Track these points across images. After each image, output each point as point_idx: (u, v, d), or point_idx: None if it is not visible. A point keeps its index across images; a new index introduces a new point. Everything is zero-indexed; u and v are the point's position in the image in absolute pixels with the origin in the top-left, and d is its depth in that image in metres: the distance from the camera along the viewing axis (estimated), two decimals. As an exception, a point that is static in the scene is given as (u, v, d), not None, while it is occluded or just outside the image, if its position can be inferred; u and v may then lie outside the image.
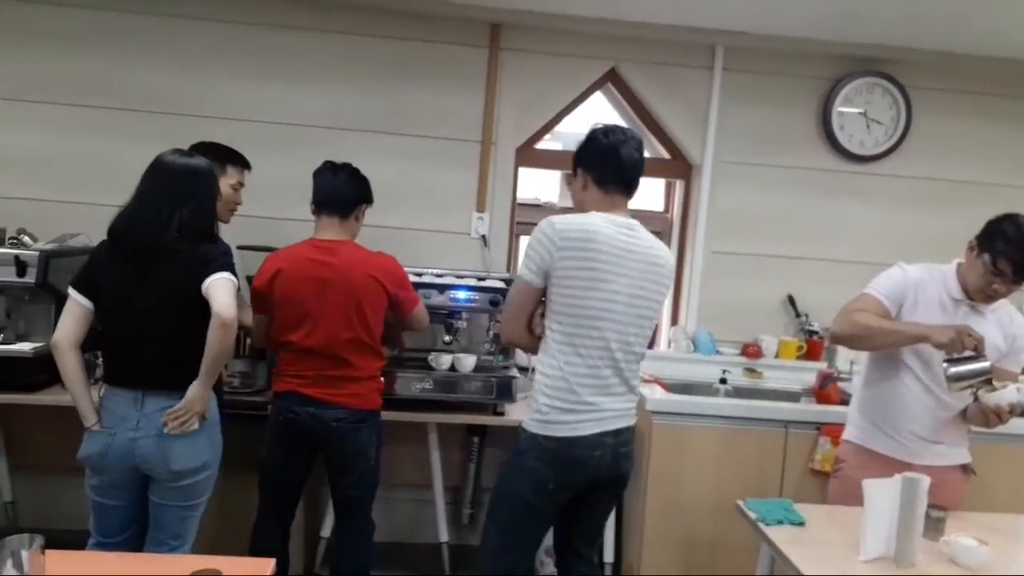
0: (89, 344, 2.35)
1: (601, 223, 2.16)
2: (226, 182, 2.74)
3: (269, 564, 1.76)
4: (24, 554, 1.53)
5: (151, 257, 2.21)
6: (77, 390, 2.27)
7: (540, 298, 2.22)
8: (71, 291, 2.27)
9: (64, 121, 3.45)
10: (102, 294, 2.25)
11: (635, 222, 2.25)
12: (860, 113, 3.73)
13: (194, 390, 2.25)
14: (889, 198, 3.81)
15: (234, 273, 2.29)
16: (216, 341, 2.18)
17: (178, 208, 2.21)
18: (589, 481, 2.21)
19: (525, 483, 2.20)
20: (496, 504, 2.30)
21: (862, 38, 3.51)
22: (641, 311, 2.21)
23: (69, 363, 2.26)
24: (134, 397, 2.24)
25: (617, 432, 2.22)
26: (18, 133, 3.45)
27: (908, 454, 2.37)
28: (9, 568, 1.51)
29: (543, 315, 2.22)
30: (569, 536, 2.39)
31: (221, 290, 2.19)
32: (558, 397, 2.16)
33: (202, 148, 2.76)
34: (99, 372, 2.50)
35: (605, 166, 2.24)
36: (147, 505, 2.32)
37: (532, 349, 2.30)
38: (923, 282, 2.42)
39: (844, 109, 3.72)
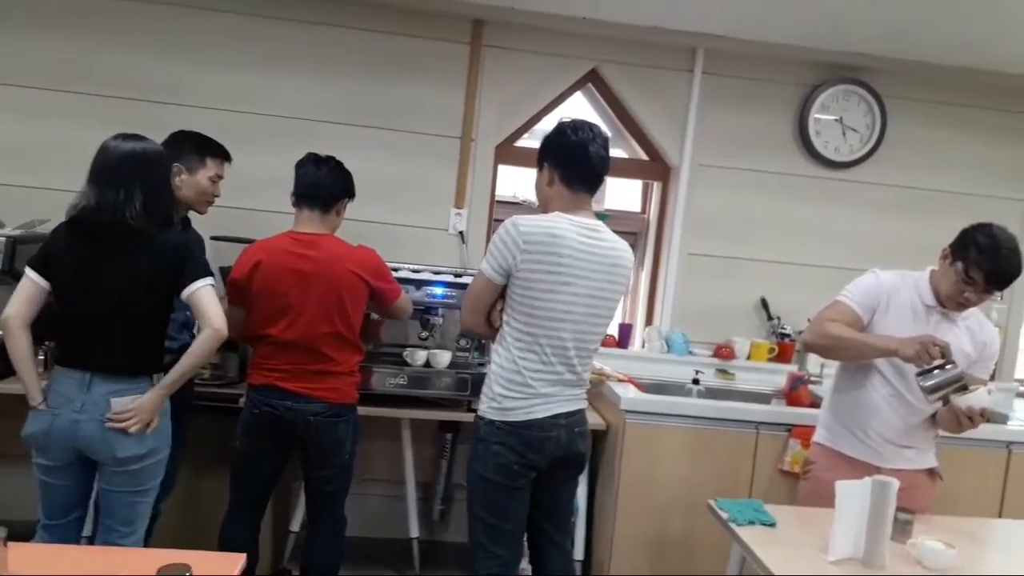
0: (47, 331, 2.32)
1: (565, 226, 2.18)
2: (204, 174, 2.69)
3: (239, 560, 1.73)
4: (-12, 546, 1.50)
5: (115, 241, 2.18)
6: (24, 369, 2.24)
7: (500, 293, 2.25)
8: (27, 270, 2.24)
9: (37, 106, 3.37)
10: (60, 276, 2.23)
11: (599, 222, 2.27)
12: (836, 120, 3.78)
13: (152, 396, 2.23)
14: (863, 204, 3.86)
15: (209, 270, 2.28)
16: (206, 350, 2.22)
17: (135, 191, 2.18)
18: (549, 460, 2.27)
19: (492, 467, 2.24)
20: (472, 497, 2.33)
21: (840, 46, 3.56)
22: (598, 311, 2.27)
23: (18, 342, 2.22)
24: (81, 378, 2.20)
25: (569, 414, 2.29)
26: (-10, 117, 3.37)
27: (877, 457, 2.40)
28: (-28, 560, 1.48)
29: (502, 310, 2.26)
30: (539, 521, 2.40)
31: (210, 300, 2.22)
32: (511, 388, 2.22)
33: (182, 137, 2.71)
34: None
35: (573, 163, 2.24)
36: (91, 484, 2.31)
37: (490, 338, 2.36)
38: (896, 288, 2.44)
39: (820, 116, 3.77)
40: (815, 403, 3.24)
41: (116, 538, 2.26)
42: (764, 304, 3.86)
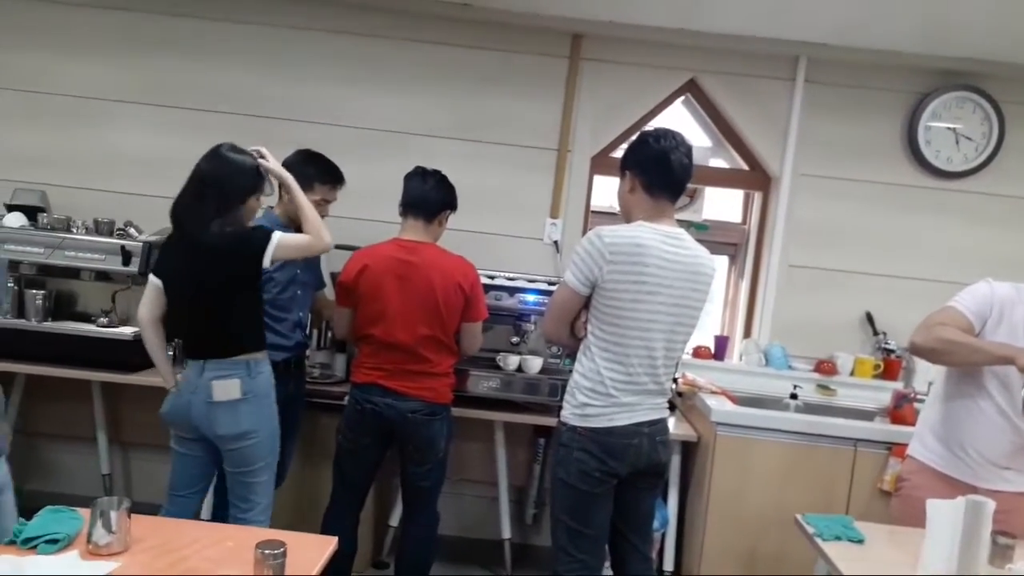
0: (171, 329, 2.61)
1: (649, 235, 2.20)
2: (311, 197, 2.87)
3: (331, 543, 1.86)
4: (113, 514, 1.69)
5: (192, 240, 2.43)
6: (157, 358, 2.57)
7: (584, 304, 2.28)
8: (150, 275, 2.54)
9: (172, 122, 3.69)
10: (167, 276, 2.50)
11: (680, 230, 2.29)
12: (949, 128, 3.63)
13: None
14: (976, 216, 3.69)
15: (271, 230, 2.49)
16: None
17: (209, 199, 2.42)
18: (630, 468, 2.28)
19: (574, 473, 2.27)
20: (554, 501, 2.38)
21: (952, 51, 3.41)
22: (683, 319, 2.27)
23: (149, 336, 2.54)
24: (199, 365, 2.47)
25: (652, 422, 2.30)
26: (132, 133, 3.71)
27: (975, 477, 2.30)
28: (99, 526, 1.68)
29: (586, 321, 2.29)
30: (620, 526, 2.42)
31: (292, 234, 2.53)
32: (594, 397, 2.25)
33: (302, 159, 2.93)
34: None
35: (655, 171, 2.26)
36: (215, 465, 2.57)
37: (574, 349, 2.38)
38: (1010, 300, 2.33)
39: (932, 124, 3.62)
40: (920, 422, 3.11)
41: (237, 513, 2.52)
42: (869, 319, 3.74)
